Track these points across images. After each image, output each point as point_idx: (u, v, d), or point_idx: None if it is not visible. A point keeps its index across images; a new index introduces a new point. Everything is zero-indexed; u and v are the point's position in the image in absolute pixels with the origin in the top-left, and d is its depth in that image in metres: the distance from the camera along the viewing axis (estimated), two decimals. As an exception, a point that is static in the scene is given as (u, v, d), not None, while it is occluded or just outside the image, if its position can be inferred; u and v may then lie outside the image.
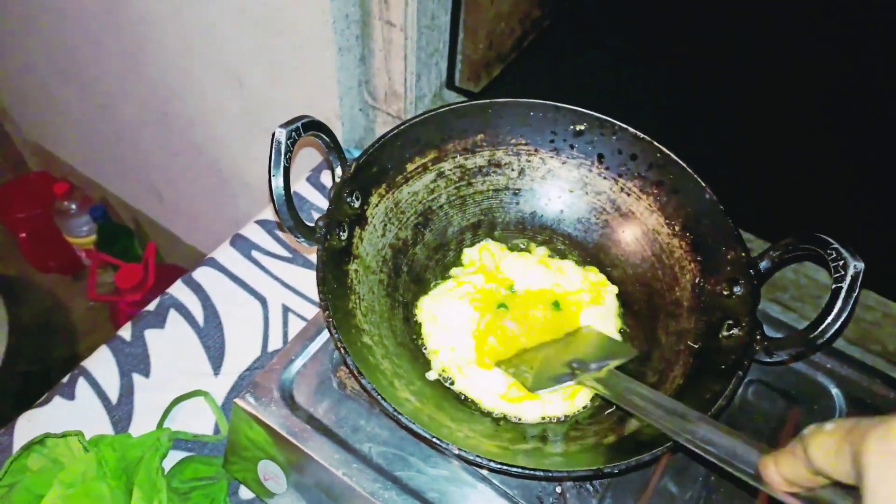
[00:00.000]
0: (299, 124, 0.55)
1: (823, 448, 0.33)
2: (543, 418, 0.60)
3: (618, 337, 0.66)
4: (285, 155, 0.54)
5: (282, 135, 0.54)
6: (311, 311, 0.87)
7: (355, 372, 0.50)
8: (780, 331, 0.71)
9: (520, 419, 0.60)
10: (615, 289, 0.69)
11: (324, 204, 0.98)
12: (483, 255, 0.69)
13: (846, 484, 0.32)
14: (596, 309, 0.66)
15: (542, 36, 1.19)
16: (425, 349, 0.64)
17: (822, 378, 0.67)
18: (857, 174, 0.74)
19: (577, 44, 1.17)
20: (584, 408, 0.61)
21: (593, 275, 0.69)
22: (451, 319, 0.64)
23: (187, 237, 1.78)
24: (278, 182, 0.54)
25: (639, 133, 0.67)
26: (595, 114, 0.68)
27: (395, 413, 0.49)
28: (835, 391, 0.67)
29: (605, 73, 1.08)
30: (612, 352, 0.61)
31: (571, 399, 0.60)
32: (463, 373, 0.61)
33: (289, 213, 0.55)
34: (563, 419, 0.61)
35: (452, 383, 0.62)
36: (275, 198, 0.54)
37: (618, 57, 1.06)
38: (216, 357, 0.82)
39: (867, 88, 0.71)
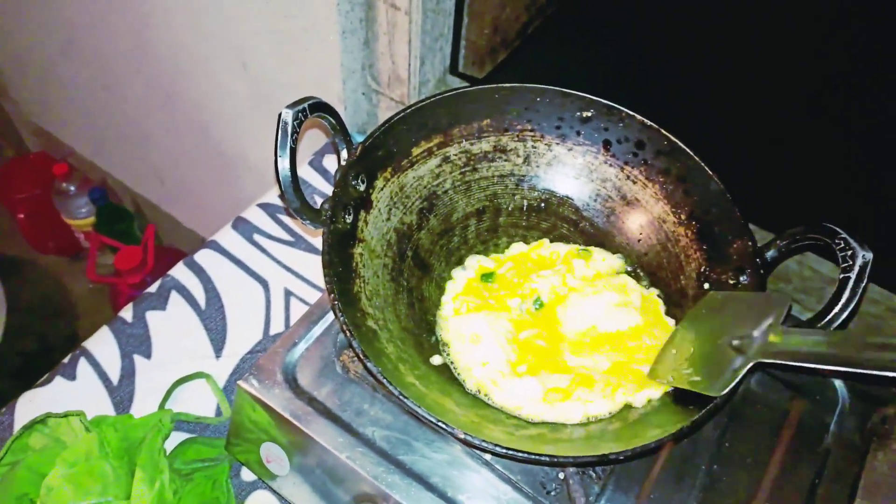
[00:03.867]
0: (306, 105, 0.55)
1: None
2: (588, 418, 0.58)
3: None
4: (292, 136, 0.53)
5: (288, 115, 0.53)
6: (314, 295, 0.87)
7: (361, 355, 0.50)
8: (784, 321, 0.71)
9: (564, 424, 0.57)
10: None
11: (326, 188, 0.98)
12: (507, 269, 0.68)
13: None
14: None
15: (547, 22, 1.18)
16: (455, 369, 0.61)
17: (825, 369, 0.67)
18: (862, 167, 0.74)
19: (583, 31, 1.16)
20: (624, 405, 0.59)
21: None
22: (480, 335, 0.62)
23: (187, 220, 1.77)
24: (284, 163, 0.53)
25: (646, 121, 0.66)
26: (602, 101, 0.68)
27: (402, 397, 0.49)
28: (838, 383, 0.66)
29: (611, 60, 1.07)
30: (761, 308, 0.53)
31: (612, 398, 0.58)
32: (499, 386, 0.59)
33: (295, 194, 0.54)
34: (606, 416, 0.58)
35: (489, 399, 0.60)
36: (281, 179, 0.53)
37: (623, 45, 1.05)
38: (218, 339, 0.82)
39: (879, 81, 0.71)
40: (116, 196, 1.94)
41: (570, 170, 0.71)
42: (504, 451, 0.48)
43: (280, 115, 0.53)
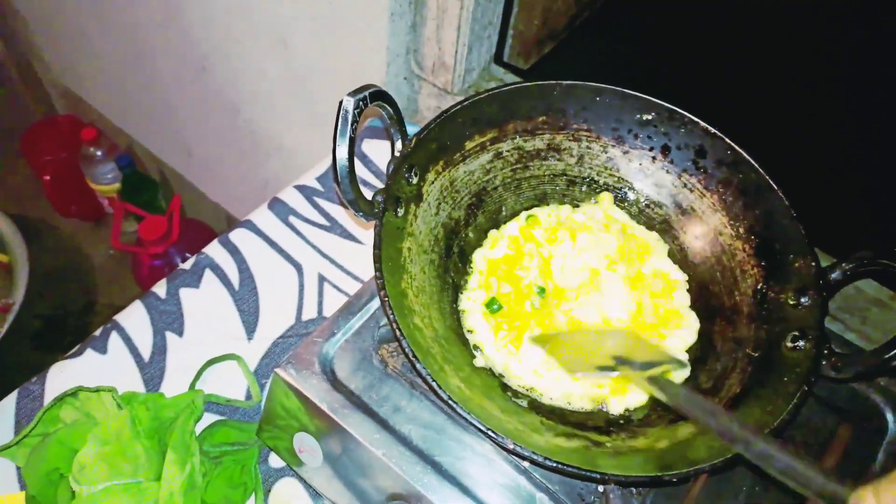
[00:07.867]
0: (366, 94, 0.53)
1: None
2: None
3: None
4: (352, 125, 0.52)
5: (349, 103, 0.51)
6: (347, 282, 0.85)
7: (411, 356, 0.49)
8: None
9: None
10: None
11: (365, 173, 0.96)
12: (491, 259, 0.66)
13: None
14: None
15: (595, 15, 1.15)
16: (526, 392, 0.60)
17: (875, 396, 0.65)
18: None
19: (632, 25, 1.13)
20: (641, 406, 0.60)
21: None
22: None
23: (212, 194, 1.76)
24: (342, 152, 0.52)
25: (710, 127, 0.64)
26: (664, 104, 0.65)
27: (451, 401, 0.47)
28: (889, 415, 0.64)
29: (660, 57, 1.04)
30: (660, 359, 0.55)
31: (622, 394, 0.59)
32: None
33: (350, 185, 0.53)
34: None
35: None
36: (338, 169, 0.52)
37: (674, 41, 1.02)
38: (250, 322, 0.81)
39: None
40: (142, 164, 1.93)
41: (624, 173, 0.69)
42: (554, 464, 0.46)
43: (341, 103, 0.51)
